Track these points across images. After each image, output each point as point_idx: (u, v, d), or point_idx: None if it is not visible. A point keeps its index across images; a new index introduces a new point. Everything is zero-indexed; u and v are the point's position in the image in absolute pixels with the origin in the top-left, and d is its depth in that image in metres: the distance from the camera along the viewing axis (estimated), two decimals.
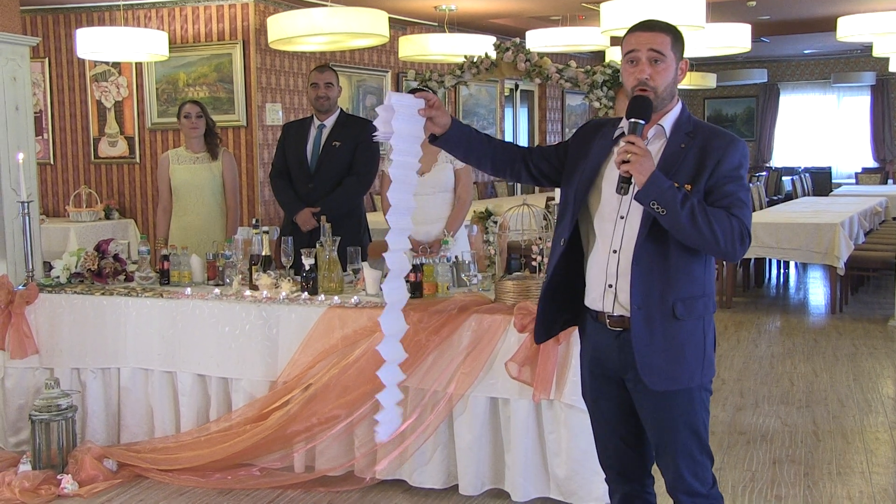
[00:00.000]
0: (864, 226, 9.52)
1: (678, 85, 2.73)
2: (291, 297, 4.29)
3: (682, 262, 2.63)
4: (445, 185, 5.03)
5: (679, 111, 2.71)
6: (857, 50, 15.61)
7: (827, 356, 6.57)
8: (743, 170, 2.64)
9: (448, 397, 3.86)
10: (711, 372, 2.74)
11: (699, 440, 2.72)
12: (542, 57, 5.99)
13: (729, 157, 2.60)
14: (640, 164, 2.53)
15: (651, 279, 2.62)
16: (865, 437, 4.82)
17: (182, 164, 5.62)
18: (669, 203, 2.51)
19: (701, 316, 2.67)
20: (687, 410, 2.69)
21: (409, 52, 8.73)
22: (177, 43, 8.45)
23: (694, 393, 2.69)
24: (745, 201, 2.61)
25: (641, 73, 2.64)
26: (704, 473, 2.74)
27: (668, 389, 2.66)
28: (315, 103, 5.36)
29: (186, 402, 4.40)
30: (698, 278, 2.67)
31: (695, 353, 2.67)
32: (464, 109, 11.97)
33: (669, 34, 2.67)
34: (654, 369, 2.65)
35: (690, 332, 2.66)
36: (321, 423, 4.04)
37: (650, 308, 2.62)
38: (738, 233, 2.55)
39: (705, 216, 2.52)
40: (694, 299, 2.65)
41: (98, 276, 4.69)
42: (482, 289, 4.30)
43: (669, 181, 2.55)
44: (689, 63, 2.91)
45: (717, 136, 2.66)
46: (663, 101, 2.67)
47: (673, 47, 2.66)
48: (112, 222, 8.71)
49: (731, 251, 2.57)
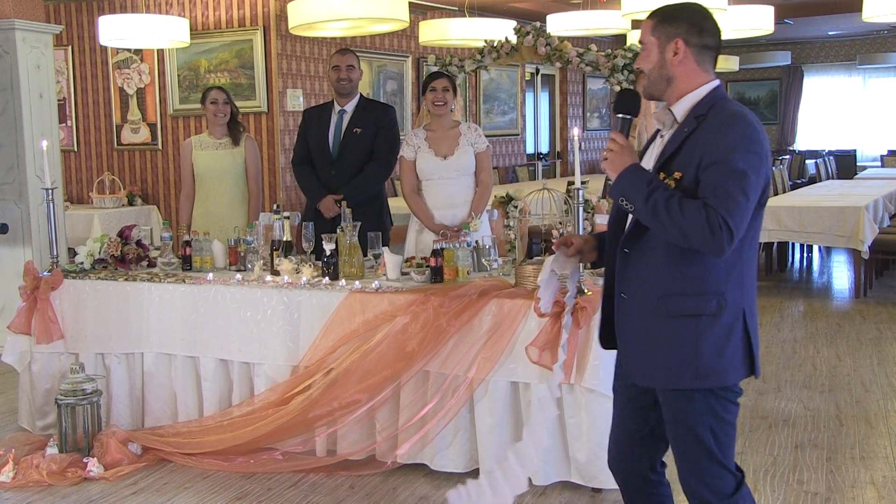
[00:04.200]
0: (890, 209, 9.41)
1: (675, 66, 2.56)
2: (312, 282, 4.30)
3: (671, 256, 2.50)
4: (467, 168, 5.03)
5: (702, 95, 2.56)
6: (884, 30, 15.40)
7: (850, 340, 6.52)
8: (736, 154, 2.40)
9: (469, 382, 3.87)
10: (720, 378, 2.52)
11: (703, 446, 2.55)
12: (563, 41, 5.96)
13: (718, 141, 2.42)
14: (613, 161, 2.53)
15: (637, 269, 2.58)
16: (889, 422, 4.79)
17: (205, 150, 5.64)
18: (636, 198, 2.46)
19: (695, 315, 2.49)
20: (687, 412, 2.55)
21: (429, 36, 8.70)
22: (198, 29, 8.47)
23: (696, 395, 2.52)
24: (730, 190, 2.38)
25: (636, 63, 2.69)
26: (715, 482, 2.57)
27: (649, 386, 2.62)
28: (336, 86, 5.36)
29: (209, 387, 4.43)
30: (692, 275, 2.49)
31: (681, 354, 2.50)
32: (484, 94, 11.93)
33: (654, 18, 2.62)
34: (635, 363, 2.62)
35: (676, 331, 2.51)
36: (342, 408, 4.06)
37: (636, 299, 2.58)
38: (706, 224, 2.35)
39: (671, 210, 2.38)
40: (686, 296, 2.49)
41: (121, 262, 4.72)
42: (502, 273, 4.29)
43: (646, 175, 2.48)
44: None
45: (718, 117, 2.48)
46: (656, 84, 2.61)
47: (654, 30, 2.59)
48: (135, 208, 8.77)
49: (704, 245, 2.38)
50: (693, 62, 2.57)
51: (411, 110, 10.19)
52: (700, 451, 2.56)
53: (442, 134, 5.05)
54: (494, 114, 12.22)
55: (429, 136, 5.07)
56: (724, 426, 2.56)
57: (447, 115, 5.06)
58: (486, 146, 5.08)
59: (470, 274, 4.30)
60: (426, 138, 5.06)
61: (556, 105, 14.29)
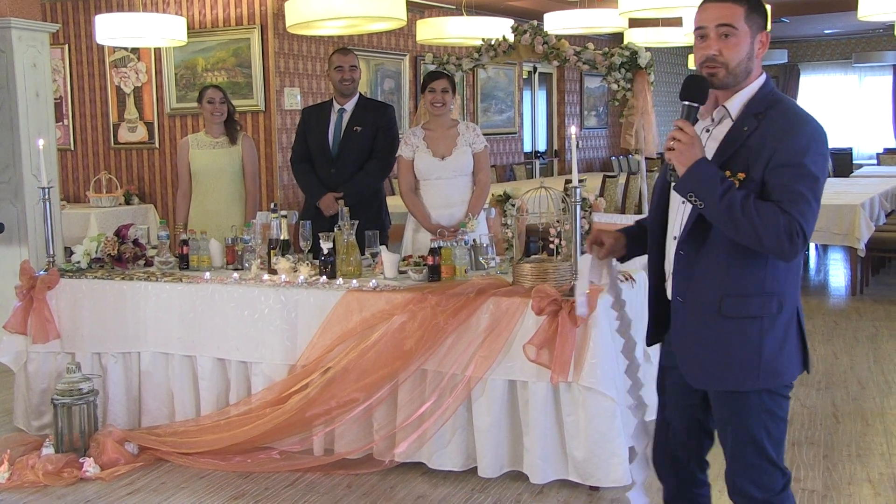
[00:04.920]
0: (886, 207, 9.41)
1: (758, 60, 2.49)
2: (310, 280, 4.29)
3: (734, 256, 2.44)
4: (465, 168, 5.03)
5: (755, 90, 2.49)
6: (879, 29, 15.42)
7: (847, 338, 6.52)
8: (808, 157, 2.35)
9: (466, 380, 3.86)
10: (778, 378, 2.50)
11: (755, 445, 2.53)
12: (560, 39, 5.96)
13: (789, 143, 2.36)
14: (682, 152, 2.40)
15: (695, 270, 2.49)
16: (886, 419, 4.78)
17: (202, 149, 5.63)
18: (707, 196, 2.35)
19: (758, 316, 2.45)
20: (743, 413, 2.52)
21: (426, 35, 8.68)
22: (195, 28, 8.45)
23: (750, 397, 2.50)
24: (805, 194, 2.34)
25: (708, 49, 2.46)
26: (764, 479, 2.55)
27: (710, 389, 2.57)
28: (339, 86, 5.35)
29: (206, 386, 4.42)
30: (755, 275, 2.44)
31: (744, 356, 2.47)
32: (482, 92, 11.92)
33: (743, 4, 2.46)
34: (693, 366, 2.56)
35: (740, 333, 2.46)
36: (340, 407, 4.05)
37: (693, 301, 2.51)
38: (784, 231, 2.31)
39: (746, 212, 2.32)
40: (748, 297, 2.45)
41: (118, 261, 4.71)
42: (500, 272, 4.29)
43: (715, 170, 2.38)
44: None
45: (784, 118, 2.42)
46: (737, 77, 2.47)
47: (747, 18, 2.45)
48: (132, 207, 8.74)
49: (776, 250, 2.35)
50: (762, 57, 2.51)
51: (409, 109, 10.18)
52: (754, 450, 2.54)
53: (440, 133, 5.04)
54: (492, 112, 12.21)
55: (427, 136, 5.06)
56: (778, 423, 2.55)
57: (446, 114, 5.05)
58: (483, 146, 5.07)
59: (467, 272, 4.29)
60: (424, 138, 5.05)
61: (553, 103, 14.28)
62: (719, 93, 2.51)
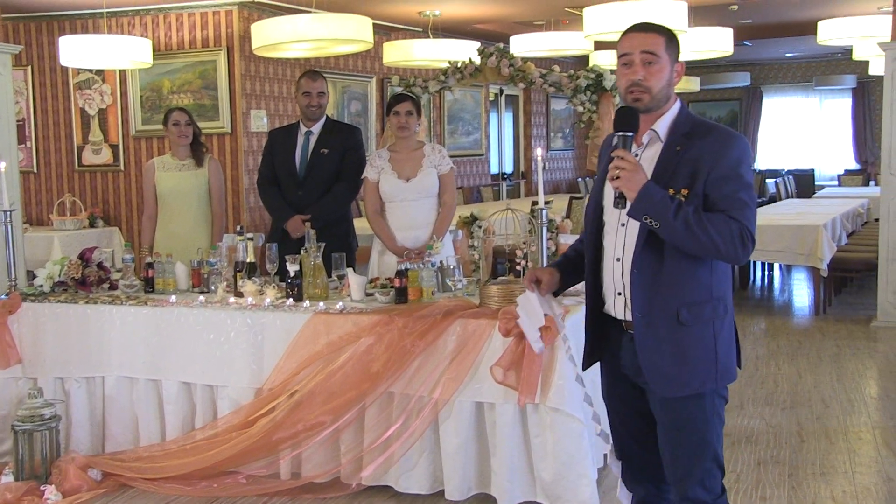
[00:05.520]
0: (847, 227, 9.56)
1: (674, 87, 2.68)
2: (276, 303, 4.27)
3: (684, 268, 2.59)
4: (430, 190, 5.04)
5: (676, 113, 2.67)
6: (838, 53, 15.70)
7: (811, 357, 6.59)
8: (743, 167, 2.56)
9: (433, 402, 3.85)
10: (727, 377, 2.68)
11: (708, 447, 2.67)
12: (526, 62, 6.02)
13: (725, 158, 2.54)
14: (629, 179, 2.51)
15: (652, 286, 2.60)
16: (849, 438, 4.84)
17: (168, 172, 5.61)
18: (662, 215, 2.49)
19: (710, 320, 2.63)
20: (697, 416, 2.65)
21: (393, 57, 8.73)
22: (161, 50, 8.42)
23: (706, 399, 2.64)
24: (747, 201, 2.55)
25: (634, 75, 2.61)
26: (712, 482, 2.69)
27: (675, 395, 2.64)
28: (306, 111, 5.35)
29: (172, 410, 4.38)
30: (704, 283, 2.62)
31: (704, 359, 2.62)
32: (449, 115, 11.97)
33: (663, 35, 2.64)
34: (661, 376, 2.64)
35: (698, 338, 2.62)
36: (307, 430, 4.02)
37: (653, 315, 2.61)
38: (737, 236, 2.50)
39: (701, 224, 2.48)
40: (700, 304, 2.61)
41: (82, 285, 4.66)
42: (467, 293, 4.30)
43: (663, 192, 2.51)
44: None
45: (713, 134, 2.60)
46: (658, 102, 2.63)
47: (667, 48, 2.63)
48: (96, 230, 8.67)
49: (732, 255, 2.53)
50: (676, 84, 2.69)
51: (375, 131, 10.20)
52: (704, 453, 2.67)
53: (406, 155, 5.05)
54: (458, 134, 12.26)
55: (392, 158, 5.07)
56: (721, 424, 2.72)
57: (411, 137, 5.06)
58: (449, 168, 5.09)
59: (434, 294, 4.30)
60: (390, 160, 5.06)
61: (519, 125, 14.37)
62: (642, 119, 2.66)
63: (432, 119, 11.31)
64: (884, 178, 7.58)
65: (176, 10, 8.47)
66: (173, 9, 8.46)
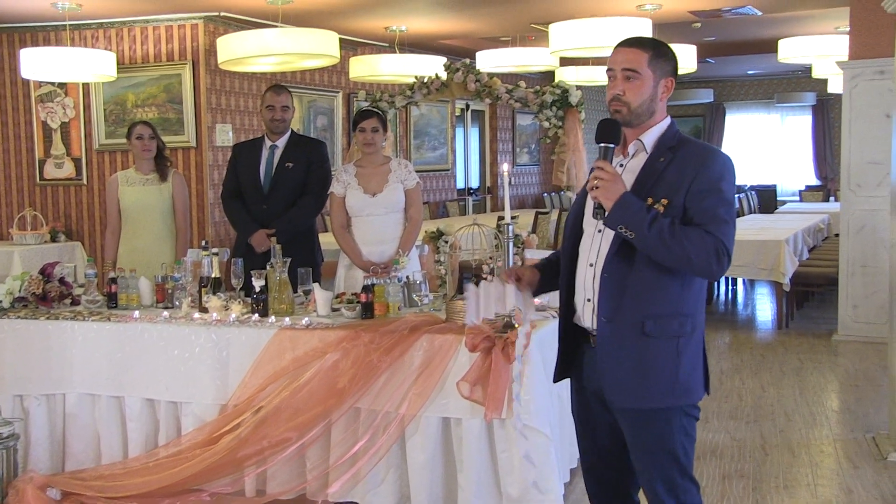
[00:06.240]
0: (808, 242, 9.69)
1: (661, 102, 2.70)
2: (242, 319, 4.24)
3: (654, 279, 2.59)
4: (396, 205, 5.04)
5: (665, 127, 2.70)
6: (798, 71, 15.95)
7: (774, 371, 6.66)
8: (724, 183, 2.57)
9: (400, 418, 3.84)
10: (691, 396, 2.67)
11: (677, 463, 2.67)
12: (492, 77, 6.04)
13: (706, 171, 2.56)
14: (607, 189, 2.55)
15: (620, 293, 2.61)
16: (811, 450, 4.89)
17: (131, 186, 5.56)
18: (637, 226, 2.51)
19: (675, 336, 2.62)
20: (663, 432, 2.65)
21: (359, 72, 8.73)
22: (125, 63, 8.35)
23: (671, 414, 2.64)
24: (725, 217, 2.55)
25: (614, 89, 2.67)
26: (685, 497, 2.69)
27: (632, 407, 2.65)
28: (270, 125, 5.35)
29: (134, 427, 4.32)
30: (673, 297, 2.62)
31: (664, 374, 2.61)
32: (415, 129, 11.99)
33: (648, 51, 2.67)
34: (618, 386, 2.65)
35: (661, 352, 2.61)
36: (272, 446, 3.99)
37: (619, 322, 2.62)
38: (712, 251, 2.50)
39: (675, 237, 2.49)
40: (667, 318, 2.61)
41: (43, 301, 4.60)
42: (433, 308, 4.30)
43: (640, 202, 2.54)
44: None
45: (698, 150, 2.64)
46: (639, 116, 2.67)
47: (651, 63, 2.66)
48: (58, 245, 8.55)
49: (706, 270, 2.54)
50: (666, 101, 2.73)
51: (342, 145, 10.18)
52: (675, 469, 2.67)
53: (372, 170, 5.05)
54: (425, 149, 12.28)
55: (358, 173, 5.06)
56: (691, 442, 2.72)
57: (377, 152, 5.07)
58: (415, 183, 5.10)
59: (401, 309, 4.29)
60: (356, 174, 5.06)
61: (486, 140, 14.42)
62: (629, 131, 2.71)
63: (398, 134, 11.32)
64: (843, 194, 7.71)
65: (140, 24, 8.41)
66: (138, 22, 8.40)
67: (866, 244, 7.52)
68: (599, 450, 2.86)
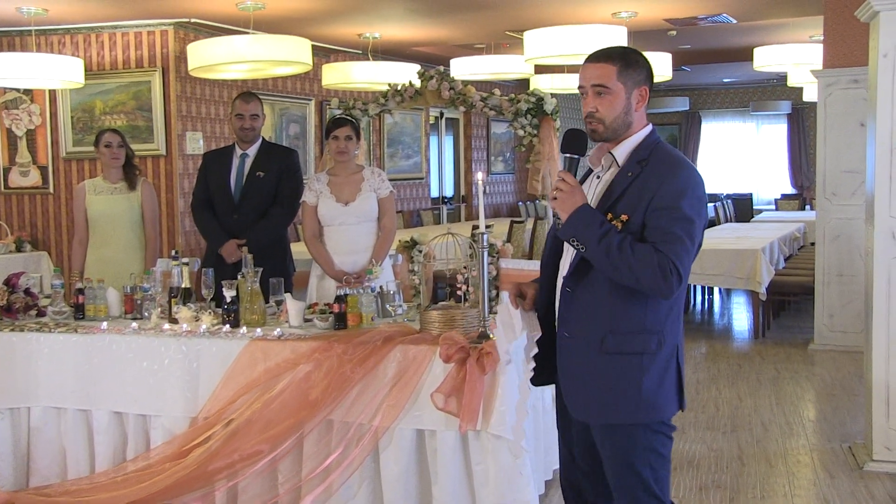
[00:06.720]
0: (784, 251, 9.78)
1: (636, 112, 2.69)
2: (212, 330, 4.22)
3: (616, 295, 2.58)
4: (370, 214, 5.04)
5: (640, 139, 2.69)
6: (774, 79, 16.11)
7: (750, 381, 6.71)
8: (685, 200, 2.54)
9: (373, 430, 3.83)
10: (658, 413, 2.65)
11: (640, 480, 2.65)
12: (467, 85, 6.06)
13: (666, 188, 2.54)
14: (564, 200, 2.57)
15: (580, 308, 2.63)
16: (788, 460, 4.93)
17: (99, 195, 5.52)
18: (588, 239, 2.52)
19: (638, 353, 2.60)
20: (626, 447, 2.64)
21: (332, 79, 8.73)
22: (93, 70, 8.30)
23: (633, 431, 2.63)
24: (679, 235, 2.52)
25: (587, 106, 2.67)
26: None
27: (593, 423, 2.67)
28: (239, 134, 5.34)
29: (102, 441, 4.28)
30: (635, 313, 2.60)
31: (625, 391, 2.60)
32: (388, 138, 11.99)
33: (616, 63, 2.66)
34: (577, 399, 2.67)
35: (621, 368, 2.60)
36: (244, 460, 3.97)
37: (579, 337, 2.63)
38: (659, 269, 2.48)
39: (623, 253, 2.48)
40: (629, 334, 2.60)
41: (7, 312, 4.55)
42: (407, 319, 4.29)
43: (597, 216, 2.54)
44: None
45: (663, 164, 2.61)
46: (615, 131, 2.67)
47: (620, 76, 2.65)
48: (24, 255, 8.47)
49: (654, 288, 2.51)
50: (644, 109, 2.72)
51: (314, 154, 10.17)
52: (639, 486, 2.65)
53: (344, 179, 5.05)
54: (399, 157, 12.29)
55: (331, 181, 5.06)
56: (660, 460, 2.68)
57: (350, 161, 5.07)
58: (389, 192, 5.10)
59: (374, 320, 4.29)
60: (328, 183, 5.05)
61: (460, 149, 14.45)
62: (608, 143, 2.71)
63: (372, 142, 11.32)
64: (819, 202, 7.79)
65: (109, 30, 8.37)
66: (106, 28, 8.36)
67: (842, 253, 7.60)
68: (577, 462, 2.87)
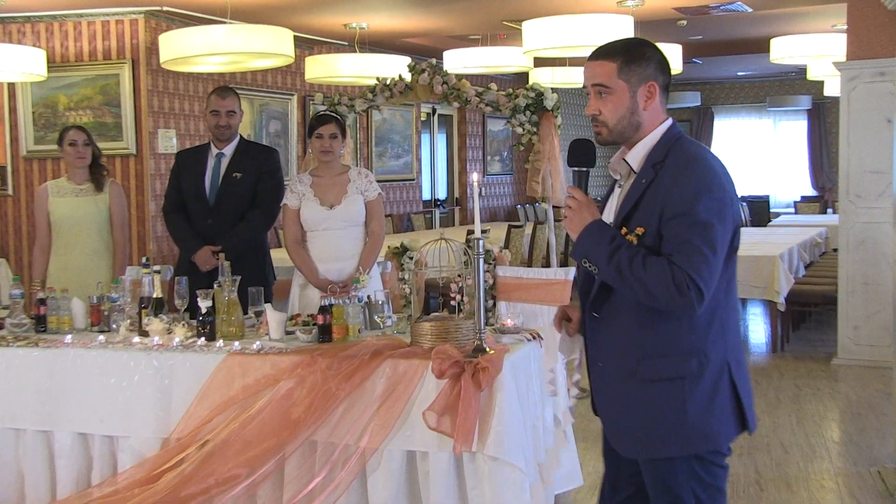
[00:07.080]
0: (804, 258, 9.78)
1: (645, 111, 2.60)
2: (186, 343, 4.22)
3: (644, 316, 2.52)
4: (356, 218, 5.04)
5: (655, 139, 2.60)
6: (793, 72, 16.18)
7: (769, 398, 6.72)
8: (700, 203, 2.44)
9: (360, 452, 3.83)
10: (708, 442, 2.57)
11: None
12: (461, 79, 6.06)
13: (678, 191, 2.46)
14: (572, 219, 2.55)
15: (609, 334, 2.60)
16: (810, 485, 4.93)
17: (63, 197, 5.51)
18: (599, 259, 2.49)
19: (679, 378, 2.52)
20: (669, 480, 2.58)
21: (316, 73, 8.74)
22: (56, 62, 8.30)
23: (677, 464, 2.56)
24: (696, 244, 2.42)
25: (590, 108, 2.62)
26: None
27: (637, 457, 2.64)
28: (215, 131, 5.34)
29: (64, 465, 4.27)
30: (669, 335, 2.52)
31: (668, 420, 2.53)
32: (377, 136, 12.01)
33: (616, 60, 2.59)
34: (617, 432, 2.64)
35: (662, 396, 2.53)
36: (220, 484, 3.96)
37: (610, 366, 2.61)
38: (674, 285, 2.40)
39: (635, 270, 2.42)
40: (664, 358, 2.53)
41: None
42: (397, 331, 4.29)
43: (607, 233, 2.50)
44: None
45: (675, 164, 2.52)
46: (622, 134, 2.61)
47: (621, 73, 2.58)
48: None
49: (672, 305, 2.43)
50: (658, 104, 2.63)
51: (297, 153, 10.18)
52: None
53: (329, 181, 5.05)
54: (388, 157, 12.30)
55: (315, 183, 5.06)
56: (711, 491, 2.60)
57: (335, 161, 5.07)
58: (377, 194, 5.10)
59: (361, 332, 4.28)
60: (312, 185, 5.06)
61: (454, 148, 14.47)
62: (630, 145, 2.64)
63: (359, 140, 11.33)
64: (842, 205, 7.80)
65: (73, 18, 8.37)
66: (70, 16, 8.36)
67: (867, 259, 7.61)
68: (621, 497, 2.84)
